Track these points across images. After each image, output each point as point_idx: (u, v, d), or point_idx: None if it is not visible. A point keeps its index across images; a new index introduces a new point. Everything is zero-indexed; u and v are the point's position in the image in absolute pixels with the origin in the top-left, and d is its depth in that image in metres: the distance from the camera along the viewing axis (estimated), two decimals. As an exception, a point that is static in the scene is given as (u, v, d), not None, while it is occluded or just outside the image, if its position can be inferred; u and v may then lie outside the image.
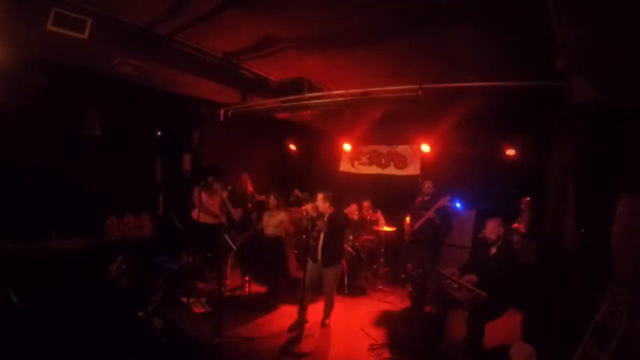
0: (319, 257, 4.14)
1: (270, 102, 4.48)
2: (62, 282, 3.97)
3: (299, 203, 5.80)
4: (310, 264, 4.13)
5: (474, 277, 3.52)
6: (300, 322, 4.10)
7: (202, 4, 2.84)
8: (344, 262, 5.32)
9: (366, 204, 6.10)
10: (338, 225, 4.14)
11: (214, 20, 3.06)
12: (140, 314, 3.88)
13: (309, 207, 4.05)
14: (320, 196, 4.13)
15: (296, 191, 6.10)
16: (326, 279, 4.19)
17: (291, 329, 4.08)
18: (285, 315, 4.47)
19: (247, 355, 3.63)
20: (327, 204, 4.11)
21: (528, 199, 4.79)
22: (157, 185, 6.11)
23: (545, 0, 1.96)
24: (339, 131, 7.02)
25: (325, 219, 4.07)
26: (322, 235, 4.14)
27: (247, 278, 5.28)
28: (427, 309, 4.28)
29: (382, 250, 6.00)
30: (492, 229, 3.63)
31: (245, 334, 3.98)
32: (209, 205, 5.25)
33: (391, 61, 3.68)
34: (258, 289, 5.25)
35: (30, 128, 4.24)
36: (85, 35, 2.97)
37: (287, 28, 3.20)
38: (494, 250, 3.65)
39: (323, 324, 4.31)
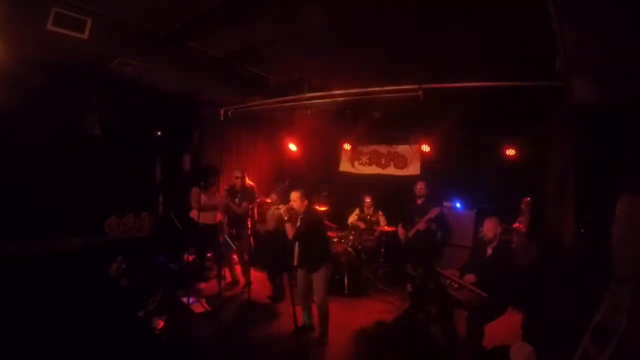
0: (296, 262, 3.88)
1: (270, 102, 4.48)
2: (62, 282, 3.97)
3: None
4: (299, 272, 3.94)
5: (471, 277, 3.52)
6: (303, 328, 4.02)
7: (202, 4, 2.84)
8: (342, 261, 5.33)
9: (368, 199, 6.04)
10: (311, 224, 3.79)
11: (214, 21, 3.07)
12: (140, 314, 3.88)
13: (282, 209, 3.73)
14: (297, 194, 3.77)
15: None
16: (314, 284, 3.83)
17: (294, 333, 4.00)
18: (286, 315, 4.47)
19: (247, 356, 3.63)
20: (305, 202, 3.78)
21: (528, 199, 4.80)
22: (157, 185, 6.10)
23: (546, 0, 1.96)
24: (339, 131, 7.01)
25: (299, 219, 3.80)
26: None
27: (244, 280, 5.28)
28: (427, 308, 4.27)
29: (382, 250, 6.00)
30: (489, 227, 3.63)
31: (245, 334, 3.98)
32: (208, 205, 5.25)
33: (391, 61, 3.68)
34: (259, 289, 5.25)
35: (30, 128, 4.23)
36: (85, 35, 2.98)
37: (287, 28, 3.21)
38: (489, 250, 3.65)
39: (322, 342, 3.88)
